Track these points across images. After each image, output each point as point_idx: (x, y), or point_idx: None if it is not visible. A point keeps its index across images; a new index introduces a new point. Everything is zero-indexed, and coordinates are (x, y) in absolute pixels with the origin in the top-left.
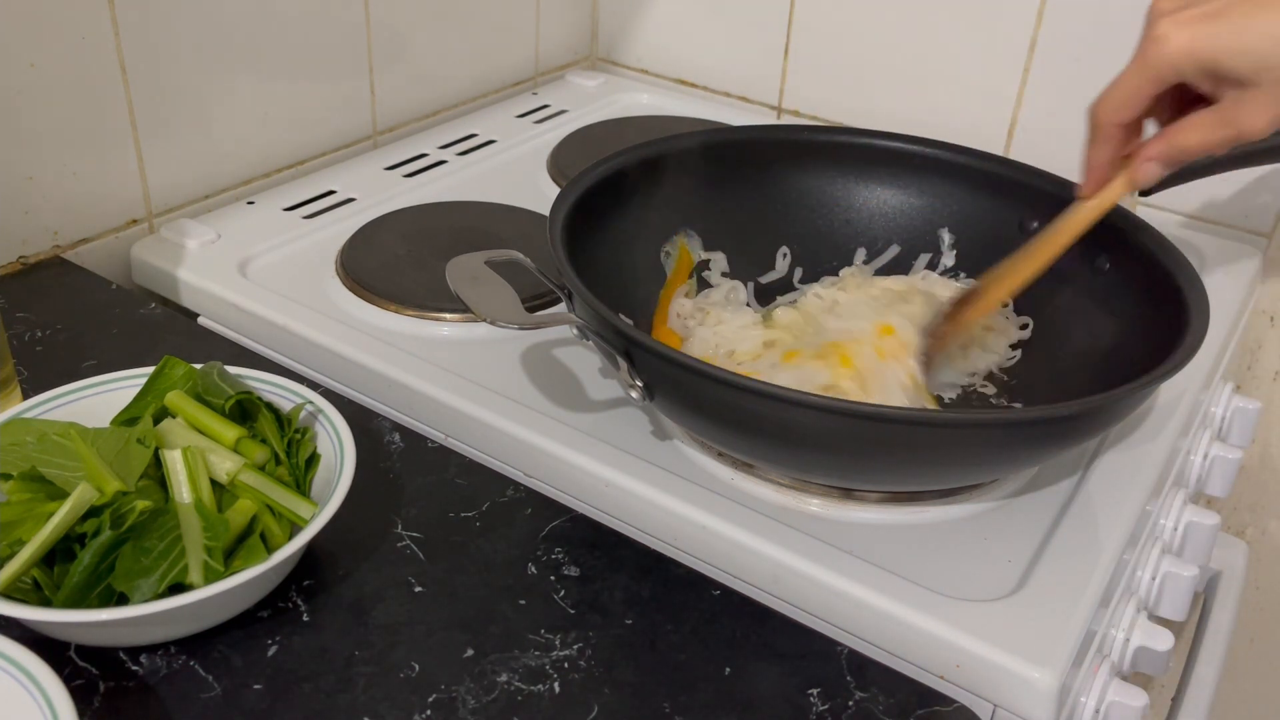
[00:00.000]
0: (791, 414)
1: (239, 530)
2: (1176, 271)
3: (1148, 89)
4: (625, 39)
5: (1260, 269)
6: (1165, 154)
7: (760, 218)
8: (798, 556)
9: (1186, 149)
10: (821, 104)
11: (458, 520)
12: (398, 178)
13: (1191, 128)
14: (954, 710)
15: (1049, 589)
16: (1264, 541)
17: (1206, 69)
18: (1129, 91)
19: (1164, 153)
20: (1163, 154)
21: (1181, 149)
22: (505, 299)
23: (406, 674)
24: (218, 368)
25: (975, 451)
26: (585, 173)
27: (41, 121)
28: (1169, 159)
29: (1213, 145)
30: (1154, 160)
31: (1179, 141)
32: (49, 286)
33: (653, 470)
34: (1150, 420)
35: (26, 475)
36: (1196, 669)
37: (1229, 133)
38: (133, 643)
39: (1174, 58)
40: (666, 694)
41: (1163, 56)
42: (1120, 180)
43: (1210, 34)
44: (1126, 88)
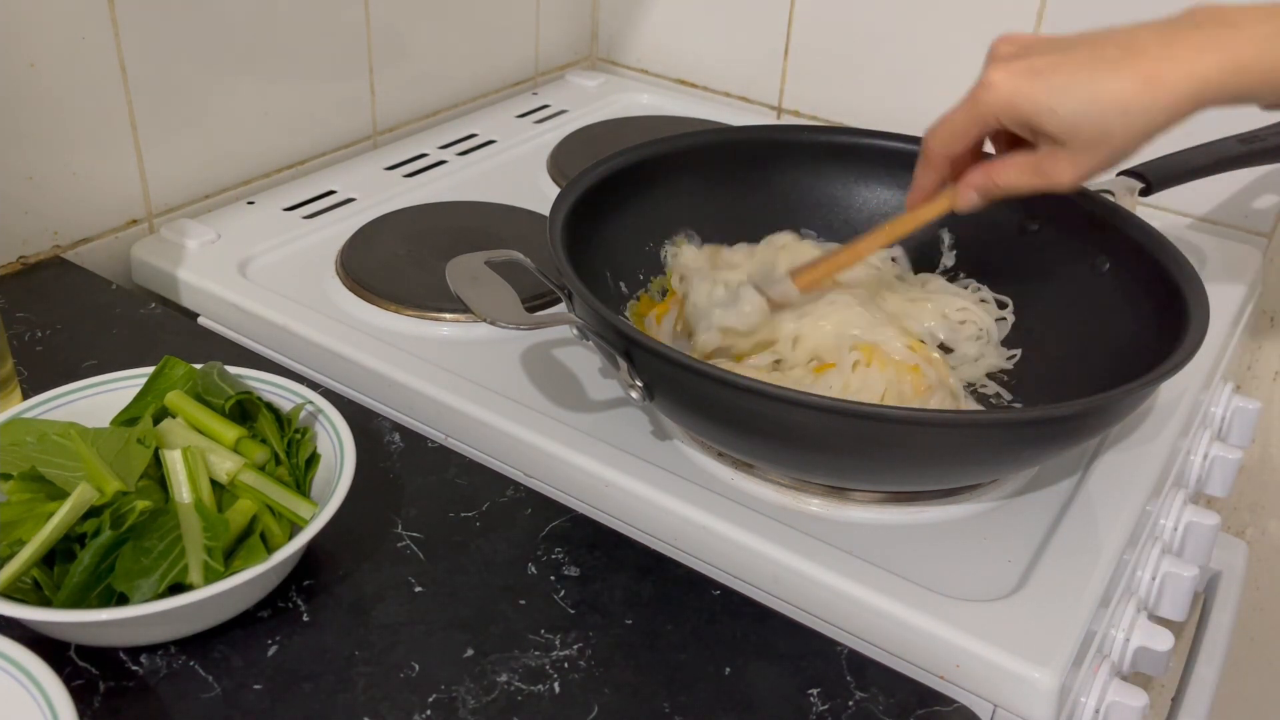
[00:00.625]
0: (791, 414)
1: (239, 530)
2: (1176, 271)
3: (973, 129)
4: (625, 39)
5: (1260, 269)
6: (982, 186)
7: (760, 218)
8: (798, 556)
9: (1002, 186)
10: (821, 104)
11: (458, 520)
12: (398, 178)
13: (1007, 168)
14: (954, 710)
15: (1049, 589)
16: (1264, 541)
17: (1023, 122)
18: (956, 128)
19: (981, 185)
20: (980, 186)
21: (997, 185)
22: (505, 299)
23: (406, 674)
24: (218, 368)
25: (975, 451)
26: (585, 173)
27: (41, 121)
28: (985, 192)
29: (1024, 189)
30: (972, 189)
31: (995, 178)
32: (49, 286)
33: (653, 470)
34: (1150, 420)
35: (26, 475)
36: (1196, 669)
37: (1039, 181)
38: (133, 643)
39: (995, 107)
40: (666, 694)
41: (986, 103)
42: (944, 199)
43: (1030, 91)
44: (954, 124)
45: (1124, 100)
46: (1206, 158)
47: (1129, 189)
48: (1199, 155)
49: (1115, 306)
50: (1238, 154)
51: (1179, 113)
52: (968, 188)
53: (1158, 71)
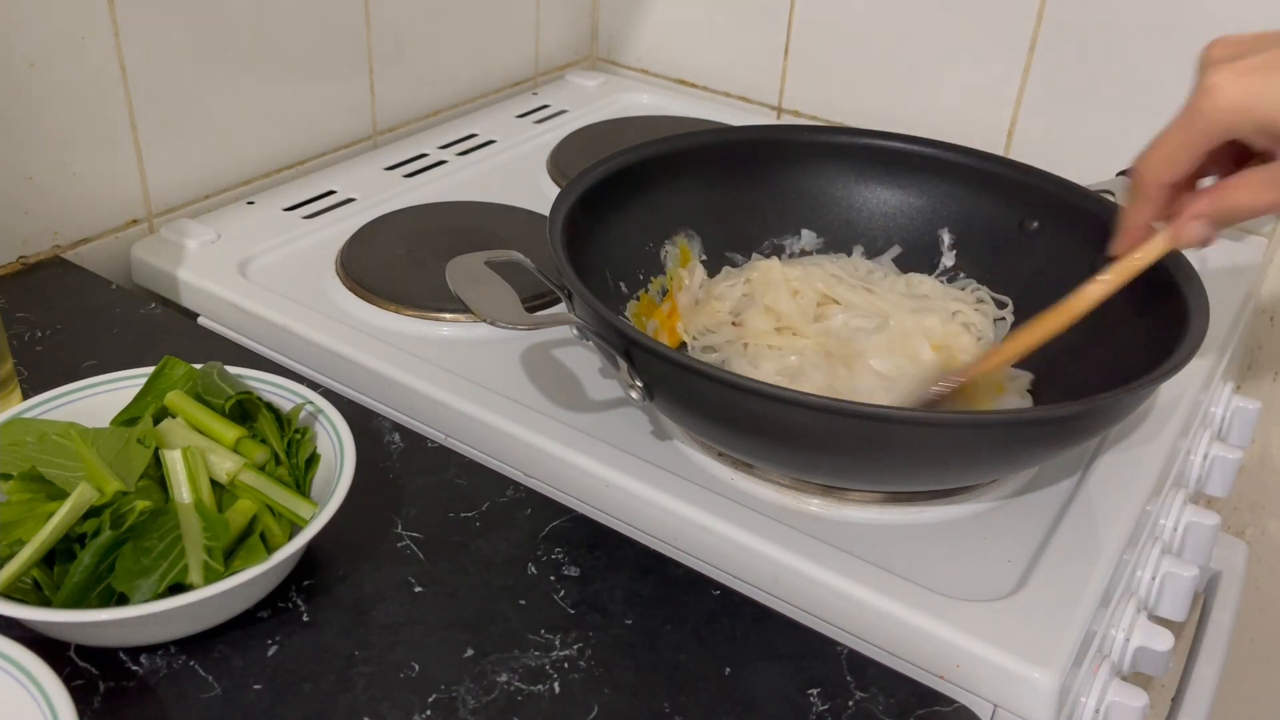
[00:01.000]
0: (791, 414)
1: (239, 530)
2: (1176, 271)
3: (1197, 146)
4: (625, 39)
5: (1260, 269)
6: (1213, 213)
7: (760, 218)
8: (798, 556)
9: (1237, 210)
10: (821, 104)
11: (458, 520)
12: (398, 178)
13: (1244, 188)
14: (954, 710)
15: (1049, 589)
16: (1264, 541)
17: (1263, 127)
18: (1176, 148)
19: (1212, 212)
20: (1210, 213)
21: (1232, 210)
22: (505, 299)
23: (406, 674)
24: (218, 368)
25: (975, 451)
26: (585, 173)
27: (41, 121)
28: (1217, 219)
29: (1264, 208)
30: (1200, 219)
31: (1229, 202)
32: (49, 286)
33: (653, 470)
34: (1150, 420)
35: (26, 475)
36: (1196, 669)
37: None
38: (133, 643)
39: (1227, 114)
40: (666, 694)
41: (1215, 111)
42: (1162, 239)
43: (1266, 91)
44: (1173, 144)
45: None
46: None
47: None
48: None
49: (1115, 307)
50: None
51: None
52: (1192, 219)
53: None
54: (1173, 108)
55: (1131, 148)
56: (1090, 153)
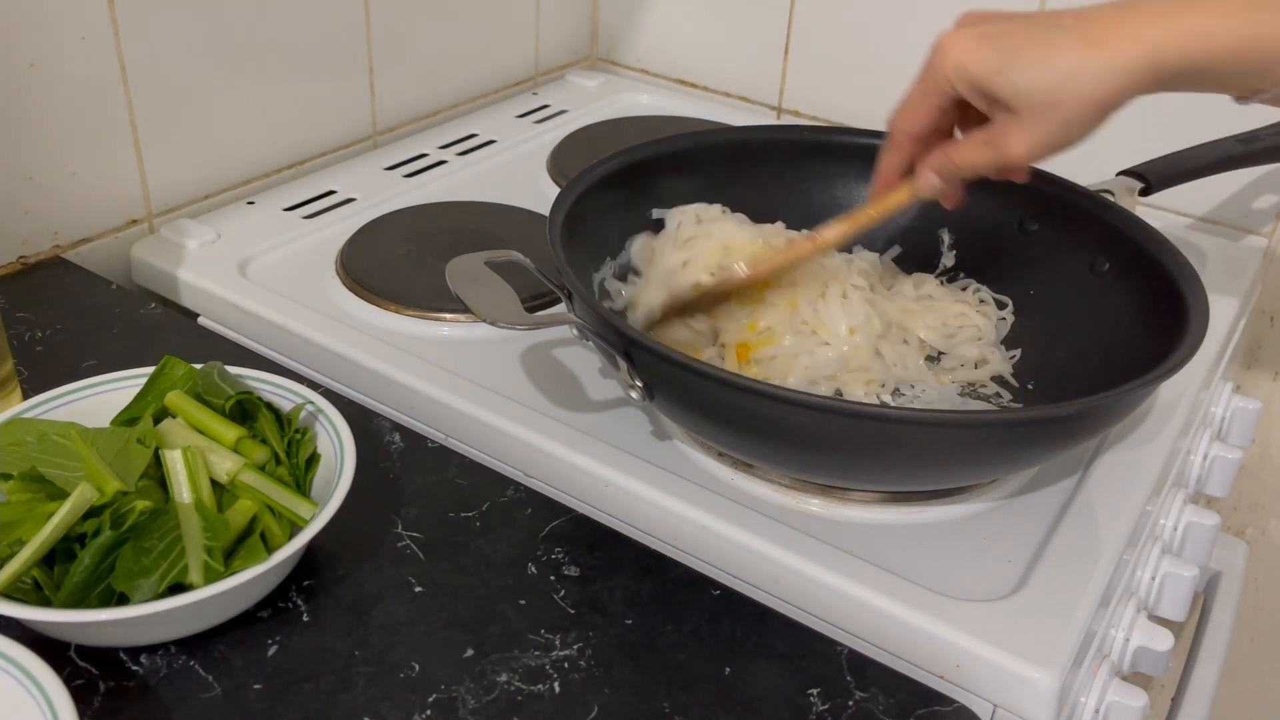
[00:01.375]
0: (791, 414)
1: (239, 530)
2: (1176, 271)
3: (930, 100)
4: (625, 39)
5: (1260, 269)
6: (941, 166)
7: (760, 218)
8: (798, 556)
9: (958, 164)
10: (821, 104)
11: (458, 520)
12: (398, 178)
13: (962, 146)
14: (954, 710)
15: (1049, 589)
16: (1264, 541)
17: (974, 86)
18: (914, 102)
19: (939, 165)
20: (938, 166)
21: (955, 165)
22: (505, 299)
23: (406, 674)
24: (218, 368)
25: (975, 451)
26: (585, 173)
27: (41, 121)
28: (944, 172)
29: (980, 166)
30: (931, 170)
31: (952, 156)
32: (49, 286)
33: (653, 470)
34: (1150, 420)
35: (26, 475)
36: (1196, 669)
37: (993, 155)
38: (133, 643)
39: (946, 70)
40: (666, 694)
41: (938, 68)
42: (905, 187)
43: (980, 54)
44: (912, 98)
45: (1073, 63)
46: (1206, 158)
47: (1129, 189)
48: (1199, 155)
49: (1115, 306)
50: (1238, 154)
51: (1133, 81)
52: (925, 170)
53: (1108, 34)
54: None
55: (1132, 148)
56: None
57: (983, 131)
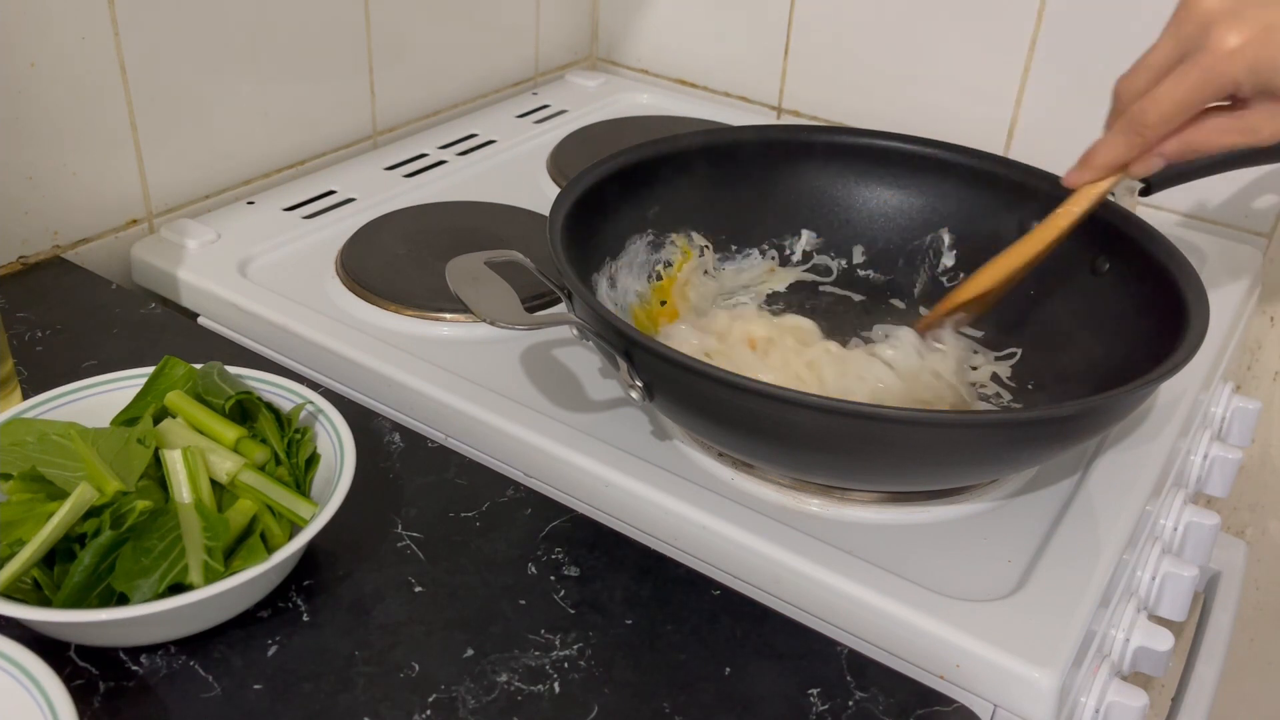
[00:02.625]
0: (791, 414)
1: (239, 530)
2: (1176, 271)
3: (1206, 98)
4: (625, 39)
5: (1260, 269)
6: (1180, 151)
7: (760, 218)
8: (798, 556)
9: (1203, 148)
10: (821, 104)
11: (458, 520)
12: (398, 178)
13: (1213, 130)
14: (954, 710)
15: (1049, 589)
16: (1264, 541)
17: (1264, 86)
18: (1186, 100)
19: (1179, 149)
20: (1176, 153)
21: (1197, 148)
22: (505, 299)
23: (406, 674)
24: (218, 368)
25: (975, 451)
26: (585, 173)
27: (41, 121)
28: (1180, 155)
29: (1229, 148)
30: (1165, 155)
31: (1198, 140)
32: (49, 286)
33: (653, 470)
34: (1150, 420)
35: (26, 475)
36: (1196, 669)
37: (1247, 139)
38: (133, 643)
39: (1242, 75)
40: (666, 694)
41: (1232, 72)
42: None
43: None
44: (1186, 98)
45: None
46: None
47: (1129, 189)
48: None
49: (1115, 306)
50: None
51: None
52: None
53: None
54: None
55: None
56: None
57: (1233, 116)
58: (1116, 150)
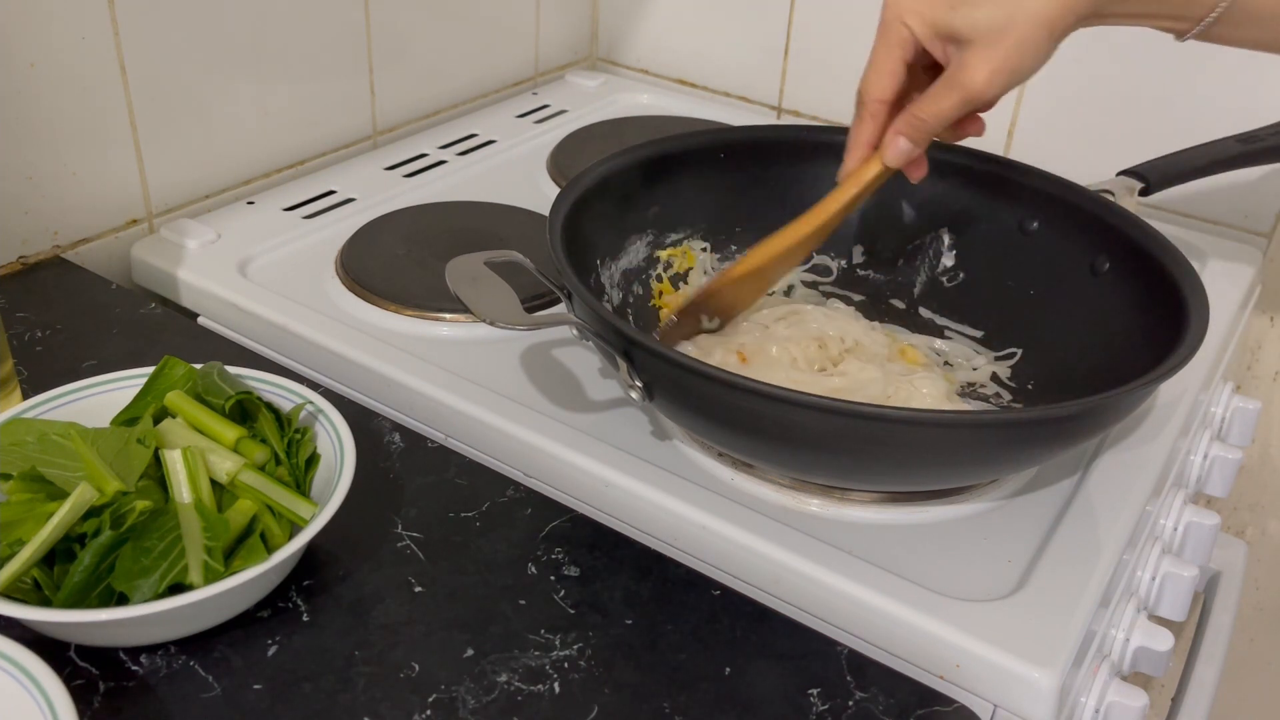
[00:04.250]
0: (791, 414)
1: (239, 530)
2: (1176, 271)
3: (894, 56)
4: (625, 39)
5: (1260, 269)
6: (909, 127)
7: (760, 217)
8: (798, 556)
9: (925, 118)
10: (821, 104)
11: (458, 520)
12: (398, 178)
13: (927, 98)
14: (954, 710)
15: (1049, 589)
16: (1264, 541)
17: (931, 26)
18: (879, 64)
19: (907, 127)
20: (906, 129)
21: (921, 119)
22: (505, 299)
23: (406, 674)
24: (218, 368)
25: (975, 451)
26: (585, 173)
27: (41, 121)
28: (913, 132)
29: (947, 111)
30: (900, 135)
31: (918, 112)
32: (49, 286)
33: (653, 470)
34: (1150, 420)
35: (26, 475)
36: (1196, 669)
37: (958, 94)
38: (133, 643)
39: (904, 18)
40: (666, 694)
41: (894, 21)
42: (875, 159)
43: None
44: (877, 61)
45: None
46: (1206, 158)
47: (1129, 189)
48: (1199, 155)
49: (1115, 306)
50: (1237, 154)
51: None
52: (894, 136)
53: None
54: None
55: (1132, 147)
56: (1090, 153)
57: (941, 79)
58: (858, 130)
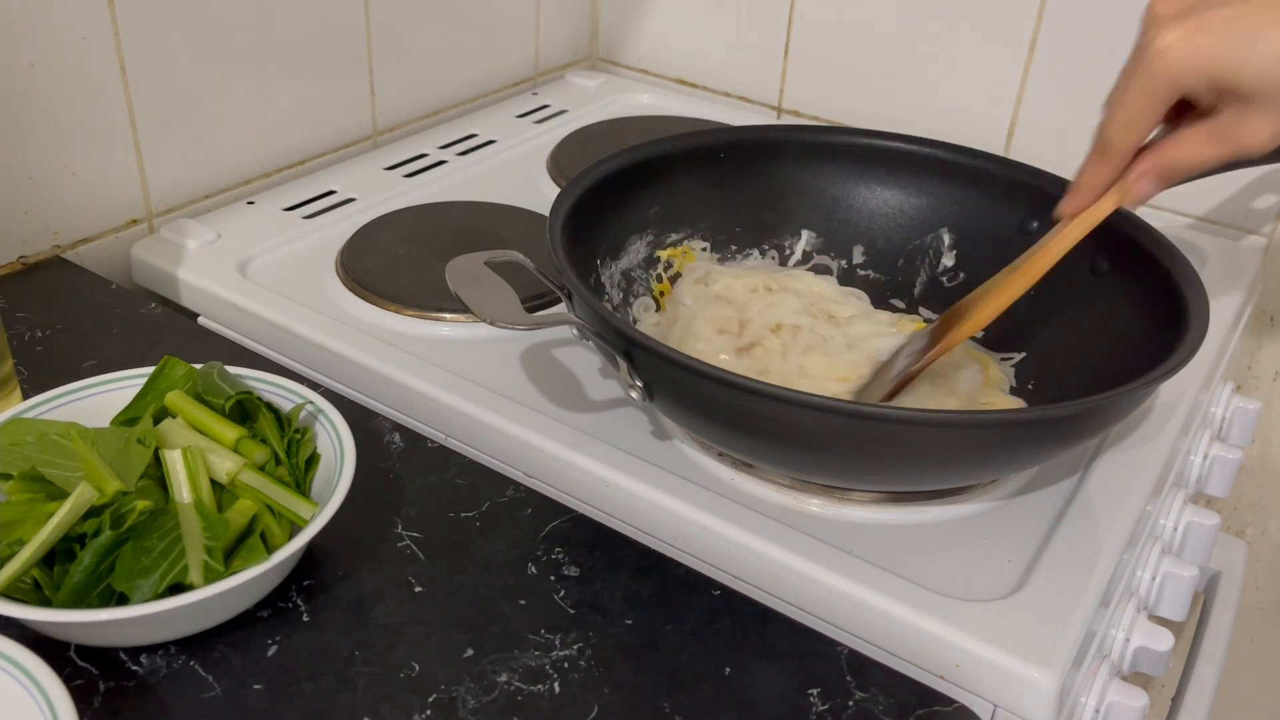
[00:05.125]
0: (791, 414)
1: (239, 530)
2: (1176, 271)
3: (1158, 106)
4: (625, 39)
5: (1260, 269)
6: (1160, 171)
7: (760, 218)
8: (798, 556)
9: (1183, 166)
10: (821, 104)
11: (458, 520)
12: (398, 178)
13: (1188, 143)
14: (954, 710)
15: (1049, 589)
16: (1264, 541)
17: (1212, 82)
18: (1139, 111)
19: (1158, 170)
20: (1157, 171)
21: (1177, 166)
22: (505, 299)
23: (406, 674)
24: (218, 368)
25: (975, 451)
26: (585, 173)
27: (41, 121)
28: (1163, 176)
29: (1209, 161)
30: (1148, 176)
31: (1175, 158)
32: (49, 286)
33: (653, 470)
34: (1150, 420)
35: (26, 475)
36: (1196, 669)
37: (1227, 149)
38: (133, 643)
39: (1182, 73)
40: (666, 694)
41: (1167, 70)
42: (1111, 196)
43: (1214, 46)
44: (1136, 107)
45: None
46: None
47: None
48: None
49: (1115, 306)
50: None
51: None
52: (1140, 177)
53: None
54: None
55: None
56: None
57: (1209, 126)
58: (1095, 173)
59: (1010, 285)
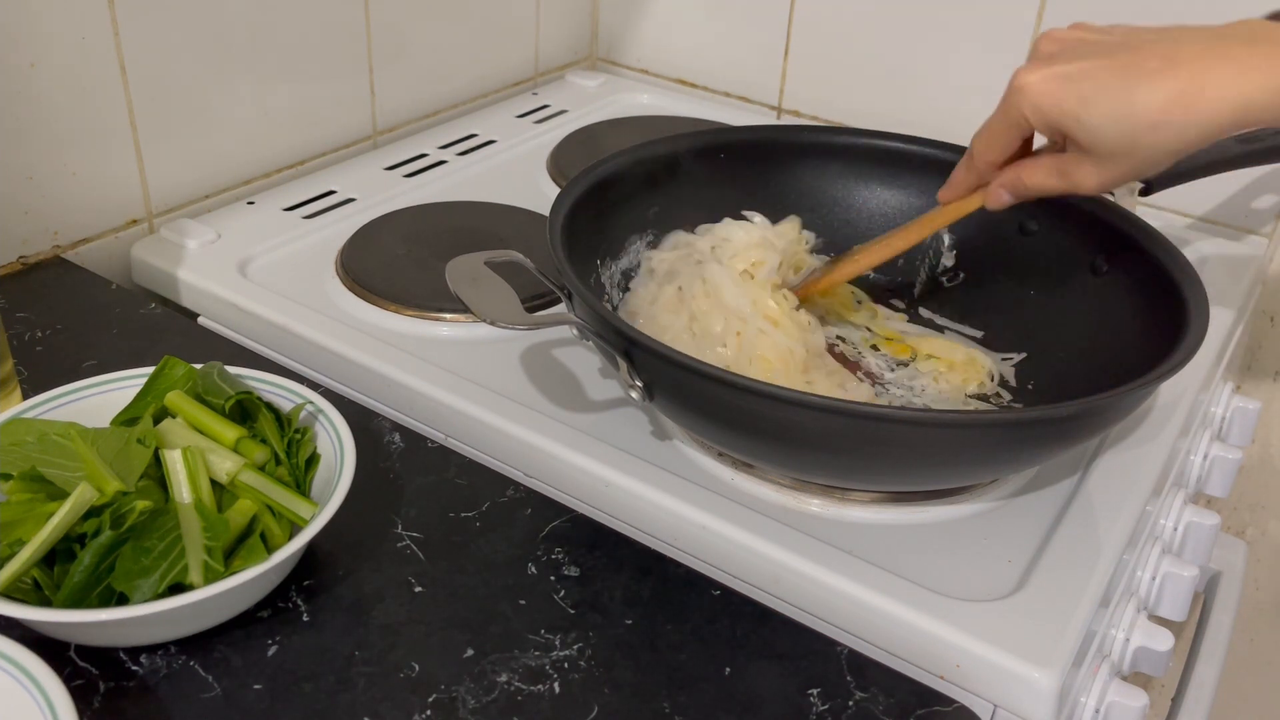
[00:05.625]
0: (791, 414)
1: (239, 530)
2: (1176, 271)
3: (1012, 134)
4: (625, 39)
5: (1260, 269)
6: (1011, 187)
7: None
8: (798, 556)
9: (1028, 188)
10: (821, 104)
11: (458, 520)
12: (398, 178)
13: (1035, 169)
14: (954, 710)
15: (1049, 589)
16: (1264, 541)
17: (1050, 128)
18: (995, 132)
19: (1011, 184)
20: (1010, 185)
21: (1025, 187)
22: (505, 299)
23: (406, 674)
24: (218, 368)
25: (975, 451)
26: (585, 173)
27: (41, 121)
28: (1015, 192)
29: (1049, 190)
30: (1004, 188)
31: (1022, 179)
32: (49, 286)
33: (653, 470)
34: (1150, 420)
35: (26, 475)
36: (1196, 669)
37: (1063, 184)
38: (133, 643)
39: (1025, 110)
40: (666, 694)
41: (1016, 106)
42: (976, 197)
43: (1058, 97)
44: (992, 129)
45: (1155, 116)
46: (1206, 158)
47: (1129, 189)
48: (1199, 155)
49: (1115, 306)
50: (1237, 154)
51: (1215, 132)
52: (999, 187)
53: (1197, 88)
54: None
55: None
56: None
57: (1055, 159)
58: (963, 177)
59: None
